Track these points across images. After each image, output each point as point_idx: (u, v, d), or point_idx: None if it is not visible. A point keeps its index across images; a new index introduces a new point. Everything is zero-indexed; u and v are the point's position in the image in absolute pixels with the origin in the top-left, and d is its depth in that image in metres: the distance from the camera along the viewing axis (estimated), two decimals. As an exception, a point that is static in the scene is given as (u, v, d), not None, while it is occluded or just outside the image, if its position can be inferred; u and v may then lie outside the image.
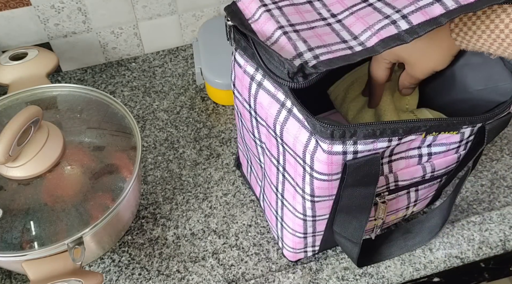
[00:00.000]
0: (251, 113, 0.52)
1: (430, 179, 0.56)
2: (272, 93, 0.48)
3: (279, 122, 0.47)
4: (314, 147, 0.45)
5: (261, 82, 0.48)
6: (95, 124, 0.63)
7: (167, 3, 0.80)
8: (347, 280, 0.62)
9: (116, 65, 0.86)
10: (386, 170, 0.51)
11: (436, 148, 0.51)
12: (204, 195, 0.71)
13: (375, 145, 0.45)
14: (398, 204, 0.58)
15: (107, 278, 0.64)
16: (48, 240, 0.53)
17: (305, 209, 0.52)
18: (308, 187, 0.49)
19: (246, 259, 0.65)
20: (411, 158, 0.52)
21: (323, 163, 0.45)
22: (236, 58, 0.51)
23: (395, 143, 0.46)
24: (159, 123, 0.78)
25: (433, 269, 0.63)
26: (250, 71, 0.49)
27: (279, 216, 0.59)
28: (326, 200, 0.51)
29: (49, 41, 0.80)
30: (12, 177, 0.56)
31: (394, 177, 0.53)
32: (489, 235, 0.66)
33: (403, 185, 0.55)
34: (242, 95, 0.52)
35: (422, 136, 0.48)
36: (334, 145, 0.44)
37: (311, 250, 0.62)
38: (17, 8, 0.73)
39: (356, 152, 0.45)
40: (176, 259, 0.65)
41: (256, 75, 0.49)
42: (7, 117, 0.60)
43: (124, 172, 0.59)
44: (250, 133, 0.56)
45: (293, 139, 0.46)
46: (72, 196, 0.56)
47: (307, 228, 0.56)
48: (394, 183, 0.54)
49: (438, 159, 0.53)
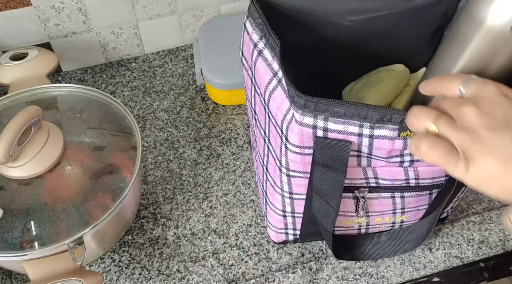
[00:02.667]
0: (251, 80, 0.54)
1: (416, 187, 0.55)
2: (269, 62, 0.49)
3: (269, 90, 0.48)
4: (291, 118, 0.46)
5: (262, 51, 0.50)
6: (95, 124, 0.63)
7: (167, 3, 0.80)
8: (347, 280, 0.63)
9: (116, 65, 0.86)
10: (364, 162, 0.51)
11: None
12: (204, 194, 0.71)
13: (346, 127, 0.45)
14: (383, 207, 0.58)
15: (107, 278, 0.64)
16: (49, 240, 0.54)
17: (282, 183, 0.53)
18: (284, 159, 0.50)
19: (246, 259, 0.65)
20: (391, 158, 0.50)
21: (295, 134, 0.46)
22: (246, 25, 0.52)
23: (367, 131, 0.45)
24: (159, 123, 0.78)
25: (433, 269, 0.63)
26: (255, 39, 0.51)
27: (264, 190, 0.60)
28: (301, 177, 0.52)
29: (49, 41, 0.80)
30: (13, 177, 0.56)
31: (373, 172, 0.53)
32: (488, 235, 0.66)
33: (385, 185, 0.54)
34: (247, 62, 0.54)
35: (399, 134, 0.45)
36: (305, 116, 0.44)
37: (292, 233, 0.63)
38: (18, 8, 0.74)
39: (326, 129, 0.45)
40: (176, 259, 0.65)
41: (258, 43, 0.50)
42: (7, 118, 0.60)
43: (124, 172, 0.59)
44: (249, 103, 0.58)
45: (276, 108, 0.47)
46: (73, 196, 0.56)
47: (286, 205, 0.57)
48: (374, 180, 0.54)
49: (422, 166, 0.52)
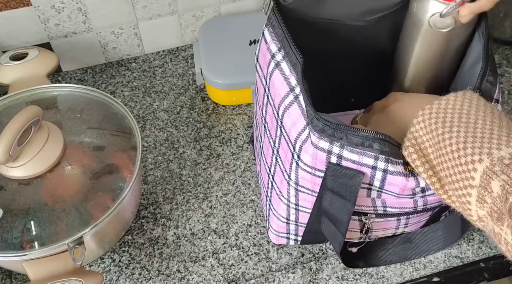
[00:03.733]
0: (265, 90, 0.54)
1: (422, 210, 0.54)
2: (286, 76, 0.49)
3: (284, 105, 0.48)
4: (306, 137, 0.46)
5: (280, 63, 0.50)
6: (95, 124, 0.63)
7: (167, 3, 0.80)
8: (347, 280, 0.63)
9: (117, 65, 0.86)
10: (374, 194, 0.50)
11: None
12: (204, 195, 0.71)
13: (361, 158, 0.44)
14: (387, 225, 0.58)
15: (107, 278, 0.64)
16: (49, 240, 0.54)
17: (289, 195, 0.53)
18: (294, 175, 0.50)
19: (246, 259, 0.65)
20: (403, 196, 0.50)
21: (309, 155, 0.46)
22: (264, 33, 0.53)
23: (381, 165, 0.45)
24: (159, 123, 0.78)
25: (432, 269, 0.63)
26: (273, 49, 0.51)
27: (269, 196, 0.60)
28: (309, 193, 0.52)
29: (49, 41, 0.80)
30: (13, 177, 0.56)
31: (382, 202, 0.52)
32: (488, 235, 0.66)
33: (393, 213, 0.54)
34: (262, 70, 0.54)
35: (405, 169, 0.45)
36: (321, 140, 0.44)
37: (294, 239, 0.63)
38: (18, 8, 0.74)
39: (341, 156, 0.45)
40: (176, 259, 0.65)
41: (277, 55, 0.50)
42: (7, 117, 0.59)
43: (124, 172, 0.59)
44: (260, 110, 0.58)
45: (291, 124, 0.47)
46: (73, 196, 0.56)
47: (290, 215, 0.57)
48: (382, 208, 0.53)
49: (432, 196, 0.51)
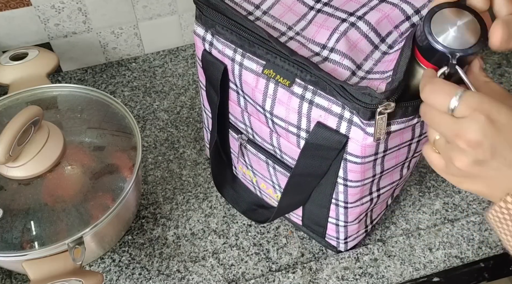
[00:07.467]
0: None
1: (280, 159, 0.56)
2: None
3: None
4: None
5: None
6: (95, 124, 0.63)
7: (167, 3, 0.80)
8: (347, 280, 0.63)
9: (117, 65, 0.86)
10: (242, 102, 0.54)
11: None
12: (204, 194, 0.71)
13: (224, 48, 0.50)
14: (261, 169, 0.60)
15: (107, 278, 0.64)
16: (49, 240, 0.54)
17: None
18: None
19: (246, 259, 0.65)
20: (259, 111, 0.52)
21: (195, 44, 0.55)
22: (214, 43, 0.53)
23: (238, 58, 0.50)
24: (159, 123, 0.78)
25: (432, 269, 0.63)
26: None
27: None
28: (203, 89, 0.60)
29: (49, 41, 0.80)
30: (13, 177, 0.56)
31: (249, 120, 0.55)
32: (488, 235, 0.66)
33: (259, 143, 0.57)
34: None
35: (263, 71, 0.48)
36: (198, 27, 0.52)
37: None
38: (18, 8, 0.74)
39: (212, 44, 0.52)
40: (176, 259, 0.65)
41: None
42: (7, 117, 0.60)
43: (125, 172, 0.59)
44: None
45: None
46: (73, 196, 0.56)
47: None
48: (251, 130, 0.57)
49: (283, 138, 0.53)
